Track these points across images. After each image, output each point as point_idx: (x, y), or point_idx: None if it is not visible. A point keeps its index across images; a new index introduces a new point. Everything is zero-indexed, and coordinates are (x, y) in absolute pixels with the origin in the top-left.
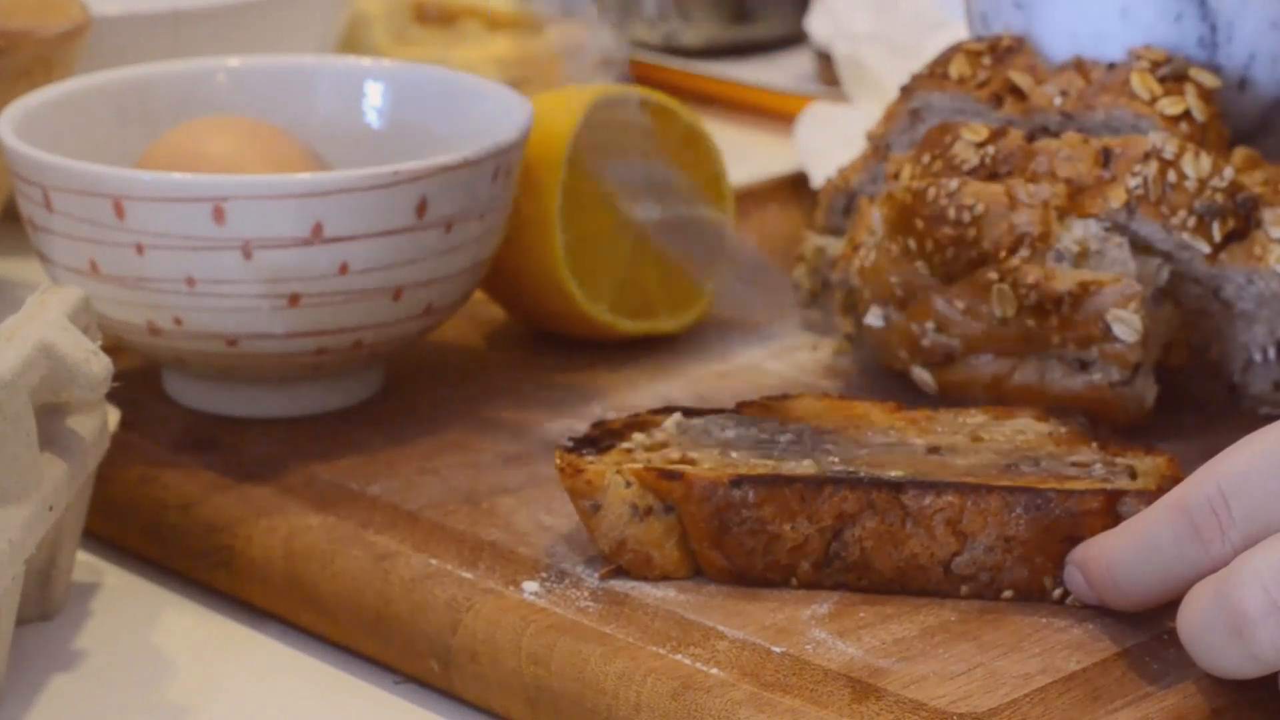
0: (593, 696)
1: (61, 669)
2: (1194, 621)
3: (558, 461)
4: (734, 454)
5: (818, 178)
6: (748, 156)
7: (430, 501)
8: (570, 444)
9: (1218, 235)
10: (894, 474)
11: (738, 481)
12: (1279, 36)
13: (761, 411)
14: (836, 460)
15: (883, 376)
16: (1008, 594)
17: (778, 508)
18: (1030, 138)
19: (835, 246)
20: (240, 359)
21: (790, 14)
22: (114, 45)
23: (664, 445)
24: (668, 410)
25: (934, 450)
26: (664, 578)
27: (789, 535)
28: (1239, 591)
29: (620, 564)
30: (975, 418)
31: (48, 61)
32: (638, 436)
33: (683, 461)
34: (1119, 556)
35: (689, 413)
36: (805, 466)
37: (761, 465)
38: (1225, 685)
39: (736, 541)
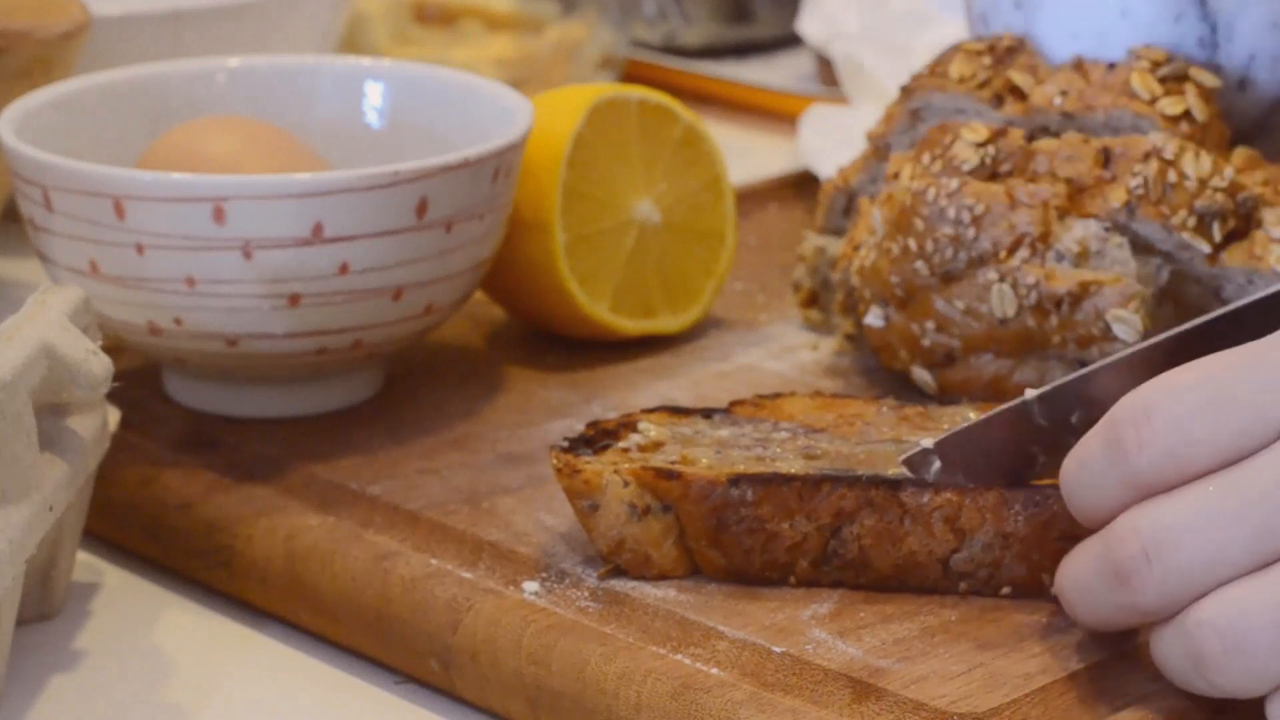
0: (593, 696)
1: (61, 669)
2: (1076, 571)
3: (554, 462)
4: (730, 453)
5: (825, 176)
6: (748, 156)
7: (430, 501)
8: (566, 444)
9: (1218, 235)
10: (892, 472)
11: (736, 480)
12: (1279, 36)
13: (754, 410)
14: (832, 459)
15: (883, 376)
16: (1006, 590)
17: (776, 506)
18: (1030, 138)
19: (835, 246)
20: (240, 359)
21: (790, 14)
22: (114, 45)
23: (659, 445)
24: (663, 409)
25: None
26: (662, 577)
27: (787, 533)
28: (1120, 544)
29: (618, 563)
30: (968, 415)
31: (48, 61)
32: (633, 436)
33: (680, 461)
34: (1067, 466)
35: (681, 411)
36: (800, 465)
37: (758, 464)
38: None
39: (735, 540)
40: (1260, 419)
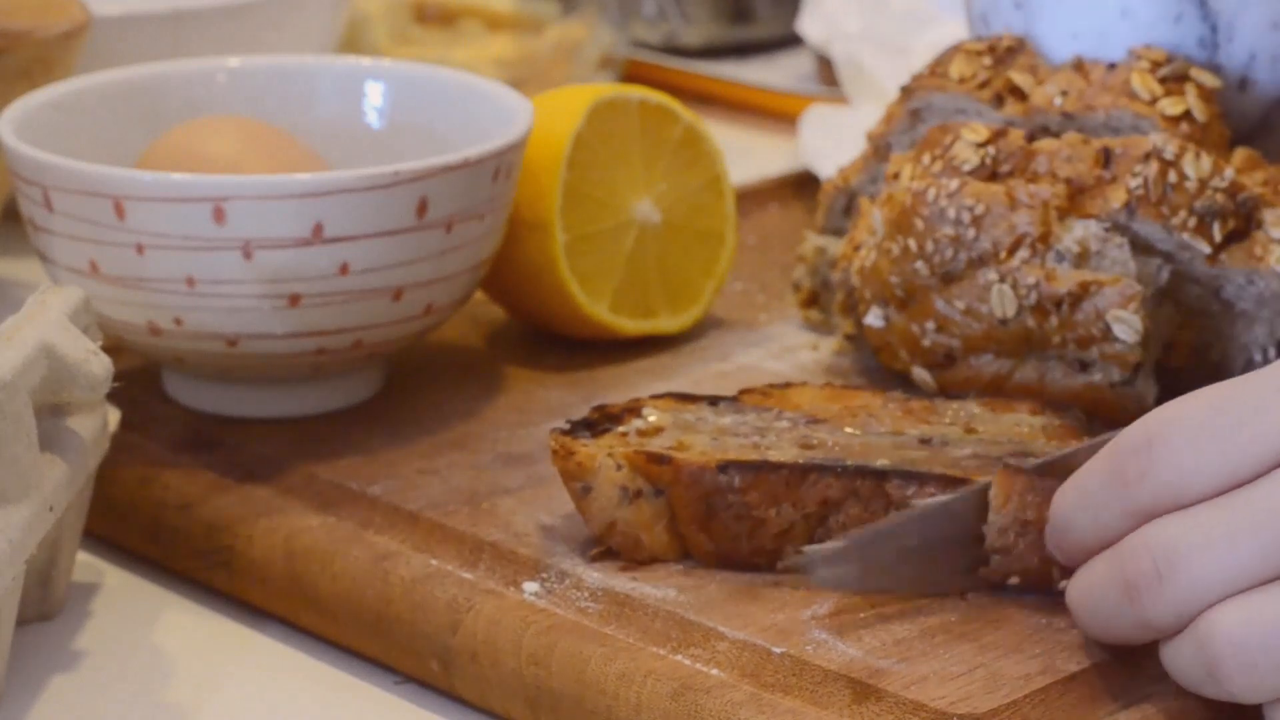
0: (593, 697)
1: (61, 669)
2: (1087, 588)
3: (551, 443)
4: (726, 440)
5: (825, 176)
6: (748, 156)
7: (430, 501)
8: (567, 426)
9: (1218, 235)
10: (879, 463)
11: (724, 467)
12: (1279, 36)
13: (762, 400)
14: (827, 449)
15: (883, 377)
16: (1014, 580)
17: (763, 493)
18: (1030, 138)
19: (835, 246)
20: (240, 359)
21: (790, 14)
22: (114, 45)
23: (659, 430)
24: (669, 395)
25: (926, 441)
26: (653, 560)
27: (774, 520)
28: (1131, 560)
29: (610, 546)
30: (973, 410)
31: (48, 61)
32: (635, 422)
33: (675, 447)
34: (1060, 500)
35: (687, 398)
36: (792, 454)
37: (751, 452)
38: None
39: (723, 526)
40: (1258, 446)
